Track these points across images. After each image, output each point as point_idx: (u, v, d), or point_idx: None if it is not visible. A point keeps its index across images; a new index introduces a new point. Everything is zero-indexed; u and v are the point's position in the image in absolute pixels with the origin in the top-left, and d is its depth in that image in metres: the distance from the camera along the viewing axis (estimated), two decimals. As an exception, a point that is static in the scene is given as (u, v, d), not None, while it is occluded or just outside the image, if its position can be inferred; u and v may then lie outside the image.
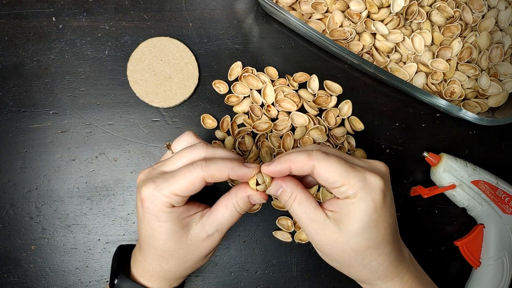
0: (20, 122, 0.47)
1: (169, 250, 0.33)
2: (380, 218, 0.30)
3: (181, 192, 0.31)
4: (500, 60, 0.46)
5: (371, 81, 0.49)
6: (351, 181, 0.30)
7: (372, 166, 0.32)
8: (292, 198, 0.32)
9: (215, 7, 0.49)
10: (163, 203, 0.31)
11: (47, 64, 0.47)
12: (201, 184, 0.31)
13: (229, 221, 0.33)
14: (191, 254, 0.33)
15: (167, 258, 0.33)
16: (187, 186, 0.31)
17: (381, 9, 0.45)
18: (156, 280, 0.35)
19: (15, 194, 0.46)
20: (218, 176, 0.31)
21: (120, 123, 0.47)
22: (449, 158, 0.45)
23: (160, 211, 0.31)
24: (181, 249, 0.33)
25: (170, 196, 0.31)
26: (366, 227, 0.30)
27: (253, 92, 0.47)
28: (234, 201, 0.33)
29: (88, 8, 0.48)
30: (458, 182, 0.44)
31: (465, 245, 0.45)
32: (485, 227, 0.45)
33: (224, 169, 0.31)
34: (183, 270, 0.35)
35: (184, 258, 0.33)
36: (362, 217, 0.30)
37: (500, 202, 0.44)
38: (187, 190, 0.31)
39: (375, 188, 0.30)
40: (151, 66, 0.47)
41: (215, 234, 0.33)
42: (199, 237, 0.33)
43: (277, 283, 0.47)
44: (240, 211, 0.33)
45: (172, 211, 0.31)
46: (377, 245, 0.31)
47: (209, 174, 0.31)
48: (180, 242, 0.32)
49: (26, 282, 0.46)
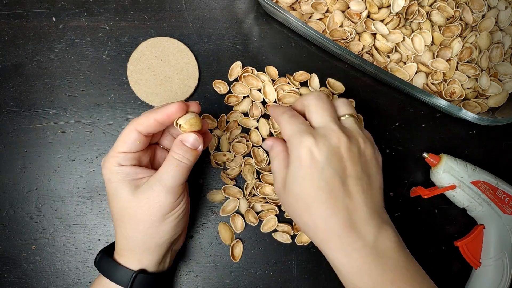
0: (20, 122, 0.47)
1: (121, 210, 0.35)
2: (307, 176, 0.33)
3: (120, 147, 0.34)
4: (500, 60, 0.46)
5: (371, 81, 0.49)
6: (293, 140, 0.35)
7: (324, 130, 0.35)
8: (275, 154, 0.37)
9: (215, 7, 0.49)
10: (110, 164, 0.34)
11: (47, 64, 0.47)
12: (135, 135, 0.34)
13: (170, 170, 0.34)
14: (140, 213, 0.34)
15: (122, 221, 0.35)
16: (123, 140, 0.34)
17: (381, 9, 0.45)
18: (124, 254, 0.36)
19: (15, 194, 0.46)
20: (145, 122, 0.33)
21: (120, 123, 0.47)
22: (449, 158, 0.45)
23: (110, 172, 0.34)
24: (130, 208, 0.34)
25: (114, 155, 0.34)
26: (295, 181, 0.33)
27: (252, 91, 0.47)
28: (172, 151, 0.34)
29: (88, 8, 0.48)
30: (458, 182, 0.44)
31: (465, 245, 0.45)
32: (485, 227, 0.45)
33: (149, 114, 0.33)
34: (142, 235, 0.35)
35: (135, 218, 0.34)
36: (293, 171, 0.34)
37: (500, 203, 0.44)
38: (124, 144, 0.34)
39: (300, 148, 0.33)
40: (151, 66, 0.47)
41: (158, 187, 0.34)
42: (145, 194, 0.34)
43: (277, 283, 0.47)
44: (179, 158, 0.34)
45: (120, 170, 0.34)
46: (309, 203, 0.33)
47: (138, 122, 0.34)
48: (129, 201, 0.34)
49: (26, 282, 0.46)
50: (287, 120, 0.36)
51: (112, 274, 0.36)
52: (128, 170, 0.34)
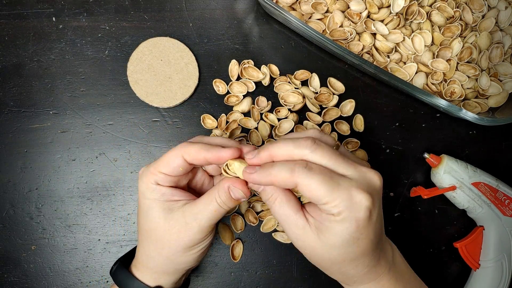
0: (20, 122, 0.47)
1: (149, 229, 0.34)
2: (362, 236, 0.30)
3: (162, 168, 0.33)
4: (500, 60, 0.46)
5: (371, 81, 0.49)
6: (336, 200, 0.29)
7: (363, 178, 0.30)
8: (273, 199, 0.32)
9: (215, 7, 0.49)
10: (148, 179, 0.33)
11: (47, 64, 0.47)
12: (180, 161, 0.32)
13: (208, 212, 0.33)
14: (167, 239, 0.33)
15: (147, 240, 0.34)
16: (167, 162, 0.33)
17: (381, 9, 0.45)
18: (142, 269, 0.36)
19: (15, 194, 0.46)
20: (194, 155, 0.32)
21: (120, 123, 0.47)
22: (449, 159, 0.45)
23: (146, 188, 0.33)
24: (158, 229, 0.33)
25: (155, 173, 0.33)
26: (346, 243, 0.30)
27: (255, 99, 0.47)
28: (216, 192, 0.33)
29: (88, 8, 0.48)
30: (458, 183, 0.44)
31: (464, 246, 0.45)
32: (485, 229, 0.45)
33: (201, 149, 0.32)
34: (164, 259, 0.34)
35: (162, 242, 0.34)
36: (343, 234, 0.29)
37: (500, 205, 0.44)
38: (167, 166, 0.33)
39: (361, 208, 0.29)
40: (151, 66, 0.47)
41: (193, 223, 0.33)
42: (177, 223, 0.33)
43: (277, 283, 0.47)
44: (220, 203, 0.33)
45: (155, 188, 0.33)
46: (355, 258, 0.31)
47: (186, 152, 0.32)
48: (158, 223, 0.33)
49: (26, 282, 0.46)
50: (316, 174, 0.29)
51: (128, 287, 0.36)
52: (165, 190, 0.33)
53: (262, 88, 0.48)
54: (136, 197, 0.47)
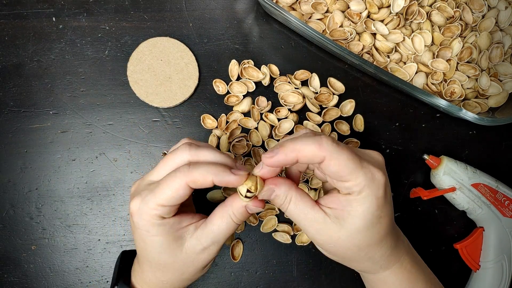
0: (20, 122, 0.47)
1: (164, 263, 0.32)
2: (382, 213, 0.30)
3: (166, 202, 0.29)
4: (500, 60, 0.46)
5: (371, 81, 0.49)
6: (359, 178, 0.29)
7: (372, 158, 0.31)
8: (287, 201, 0.31)
9: (215, 7, 0.49)
10: (151, 216, 0.30)
11: (47, 64, 0.47)
12: (185, 191, 0.29)
13: (226, 232, 0.31)
14: (187, 266, 0.32)
15: (162, 270, 0.32)
16: (172, 195, 0.29)
17: (381, 9, 0.45)
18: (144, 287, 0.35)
19: (15, 194, 0.46)
20: (202, 182, 0.29)
21: (120, 123, 0.47)
22: (449, 160, 0.45)
23: (150, 225, 0.30)
24: (176, 262, 0.32)
25: (157, 208, 0.29)
26: (369, 224, 0.30)
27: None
28: (230, 212, 0.31)
29: (88, 8, 0.48)
30: (458, 185, 0.44)
31: (464, 248, 0.45)
32: (485, 230, 0.45)
33: (207, 174, 0.29)
34: (181, 281, 0.34)
35: (181, 270, 0.32)
36: (365, 215, 0.29)
37: (500, 206, 0.44)
38: (172, 199, 0.29)
39: (380, 185, 0.29)
40: (151, 66, 0.47)
41: (211, 246, 0.32)
42: (195, 250, 0.31)
43: (277, 283, 0.47)
44: (237, 221, 0.31)
45: (162, 223, 0.30)
46: (380, 239, 0.31)
47: (192, 180, 0.29)
48: (175, 255, 0.31)
49: (26, 282, 0.46)
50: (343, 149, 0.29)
51: None
52: (172, 222, 0.31)
53: (262, 88, 0.48)
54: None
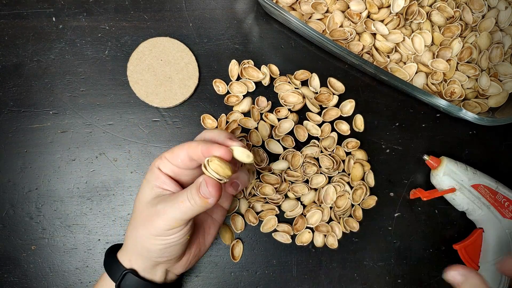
0: (20, 122, 0.47)
1: (135, 207, 0.36)
2: None
3: (168, 154, 0.35)
4: (500, 60, 0.46)
5: (371, 81, 0.49)
6: None
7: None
8: None
9: (215, 7, 0.49)
10: (155, 162, 0.36)
11: (47, 64, 0.47)
12: (182, 153, 0.34)
13: (178, 205, 0.33)
14: (141, 221, 0.35)
15: (132, 219, 0.37)
16: (173, 150, 0.35)
17: (381, 9, 0.45)
18: (123, 251, 0.38)
19: (15, 194, 0.46)
20: (193, 150, 0.34)
21: (120, 123, 0.47)
22: (449, 161, 0.45)
23: (149, 171, 0.36)
24: (139, 211, 0.36)
25: (161, 157, 0.36)
26: None
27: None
28: (189, 187, 0.34)
29: (88, 8, 0.48)
30: (458, 185, 0.44)
31: (464, 248, 0.45)
32: (484, 231, 0.45)
33: (199, 144, 0.34)
34: (134, 240, 0.36)
35: (138, 221, 0.35)
36: None
37: (500, 207, 0.44)
38: (171, 153, 0.35)
39: None
40: (151, 66, 0.47)
41: (160, 211, 0.34)
42: (152, 208, 0.34)
43: (277, 283, 0.47)
44: (188, 196, 0.33)
45: (155, 172, 0.36)
46: None
47: (190, 147, 0.34)
48: (141, 203, 0.36)
49: (26, 282, 0.46)
50: None
51: (108, 268, 0.37)
52: (161, 176, 0.36)
53: (262, 88, 0.48)
54: (136, 197, 0.47)
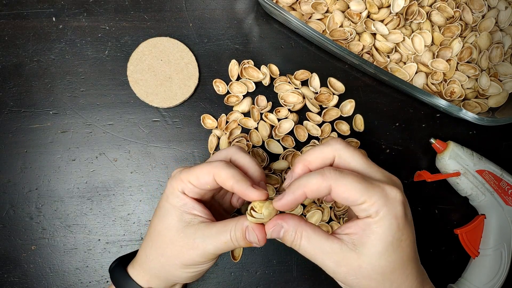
0: (20, 122, 0.47)
1: (159, 232, 0.34)
2: (403, 236, 0.29)
3: (192, 179, 0.33)
4: (500, 60, 0.46)
5: (371, 81, 0.49)
6: (372, 198, 0.28)
7: (389, 178, 0.31)
8: (298, 236, 0.30)
9: (215, 7, 0.49)
10: (177, 184, 0.33)
11: (47, 64, 0.47)
12: (209, 180, 0.32)
13: (218, 241, 0.32)
14: (170, 249, 0.33)
15: (153, 241, 0.35)
16: (198, 175, 0.33)
17: (381, 9, 0.45)
18: (137, 269, 0.36)
19: (15, 194, 0.46)
20: (223, 181, 0.32)
21: (120, 123, 0.47)
22: (455, 145, 0.45)
23: (171, 193, 0.34)
24: (167, 237, 0.33)
25: (184, 181, 0.33)
26: (391, 248, 0.28)
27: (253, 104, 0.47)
28: (233, 225, 0.32)
29: (88, 8, 0.48)
30: (463, 170, 0.44)
31: (464, 233, 0.45)
32: (486, 217, 0.45)
33: (231, 177, 0.32)
34: (159, 265, 0.34)
35: (164, 249, 0.34)
36: (385, 236, 0.28)
37: (503, 194, 0.44)
38: (196, 179, 0.33)
39: (396, 203, 0.29)
40: (151, 66, 0.47)
41: (199, 245, 0.32)
42: (186, 238, 0.33)
43: (277, 283, 0.47)
44: (233, 239, 0.32)
45: (180, 196, 0.33)
46: (403, 265, 0.29)
47: (218, 174, 0.32)
48: (170, 230, 0.33)
49: (26, 282, 0.46)
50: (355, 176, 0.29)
51: (121, 285, 0.36)
52: (188, 201, 0.34)
53: (262, 88, 0.48)
54: (136, 197, 0.47)
